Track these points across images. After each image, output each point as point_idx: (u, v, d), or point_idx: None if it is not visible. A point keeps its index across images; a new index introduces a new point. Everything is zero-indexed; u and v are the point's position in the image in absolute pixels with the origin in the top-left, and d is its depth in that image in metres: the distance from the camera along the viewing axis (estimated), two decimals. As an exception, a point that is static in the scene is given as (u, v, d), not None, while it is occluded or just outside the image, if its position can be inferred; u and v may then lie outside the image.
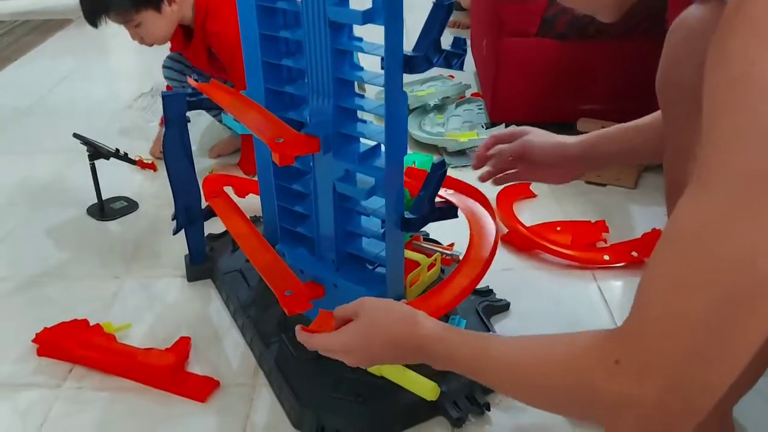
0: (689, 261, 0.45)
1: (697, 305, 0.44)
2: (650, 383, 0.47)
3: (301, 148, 0.78)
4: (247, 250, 1.01)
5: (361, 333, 0.70)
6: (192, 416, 0.93)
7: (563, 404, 0.56)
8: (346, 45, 0.79)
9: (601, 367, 0.49)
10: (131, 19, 1.39)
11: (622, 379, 0.48)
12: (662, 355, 0.46)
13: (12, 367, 1.02)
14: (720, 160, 0.43)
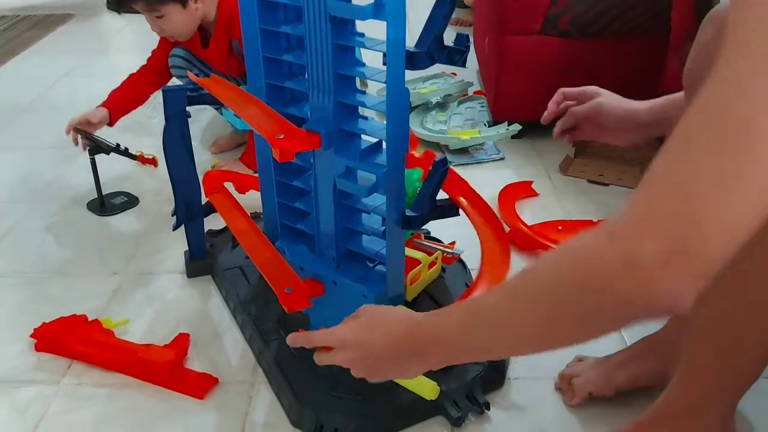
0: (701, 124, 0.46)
1: (698, 152, 0.45)
2: (648, 237, 0.46)
3: (302, 144, 0.78)
4: (247, 246, 1.00)
5: (358, 327, 0.70)
6: (190, 413, 0.92)
7: (570, 312, 0.53)
8: (347, 40, 0.79)
9: (596, 248, 0.50)
10: (156, 9, 1.40)
11: (619, 245, 0.48)
12: (660, 206, 0.47)
13: (11, 363, 1.02)
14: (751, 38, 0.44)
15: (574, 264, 0.52)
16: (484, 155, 1.62)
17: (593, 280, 0.50)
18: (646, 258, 0.46)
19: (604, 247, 0.49)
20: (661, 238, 0.46)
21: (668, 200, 0.47)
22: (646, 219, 0.47)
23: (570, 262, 0.53)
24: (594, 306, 0.51)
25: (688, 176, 0.46)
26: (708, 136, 0.46)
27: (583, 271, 0.51)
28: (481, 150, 1.64)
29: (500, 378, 0.95)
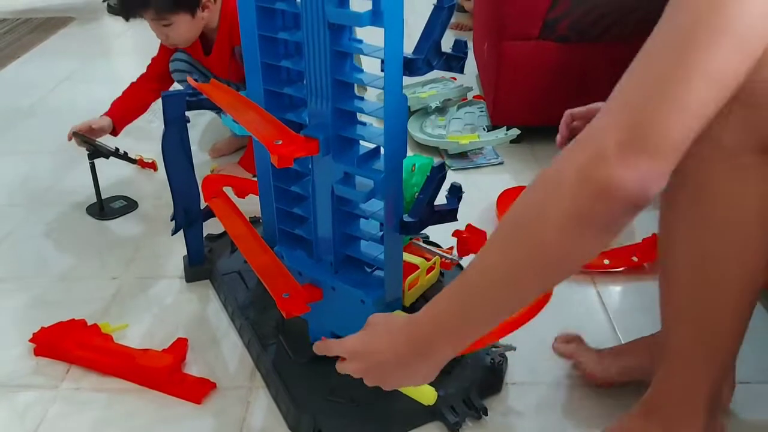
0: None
1: (655, 56, 0.56)
2: (610, 131, 0.54)
3: (300, 150, 0.78)
4: (246, 251, 1.00)
5: (364, 338, 0.73)
6: (188, 418, 0.92)
7: (552, 226, 0.57)
8: (345, 47, 0.79)
9: (565, 155, 0.56)
10: (166, 18, 1.41)
11: (586, 144, 0.56)
12: (621, 106, 0.55)
13: (10, 367, 1.02)
14: None
15: (544, 180, 0.58)
16: (482, 160, 1.63)
17: (567, 185, 0.55)
18: (610, 148, 0.53)
19: (571, 151, 0.56)
20: (621, 128, 0.53)
21: (627, 99, 0.55)
22: (608, 117, 0.55)
23: (539, 181, 0.59)
24: (572, 209, 0.55)
25: (645, 77, 0.55)
26: (662, 43, 0.55)
27: (555, 179, 0.57)
28: (480, 154, 1.64)
29: (498, 383, 0.95)
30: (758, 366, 0.97)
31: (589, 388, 0.96)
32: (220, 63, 1.55)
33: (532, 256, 0.59)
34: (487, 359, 0.95)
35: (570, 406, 0.93)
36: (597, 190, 0.54)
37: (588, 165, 0.54)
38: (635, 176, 0.53)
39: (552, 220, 0.57)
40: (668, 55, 0.54)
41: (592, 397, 0.94)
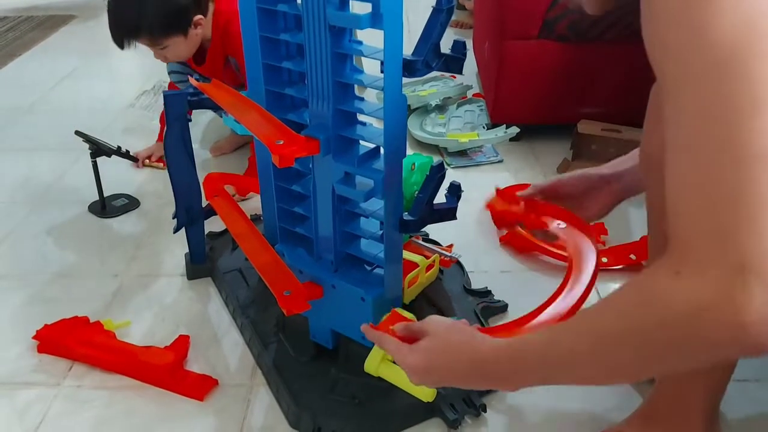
0: (710, 147, 0.47)
1: (726, 184, 0.46)
2: (712, 273, 0.46)
3: (301, 150, 0.78)
4: (247, 249, 1.01)
5: (425, 356, 0.69)
6: (190, 416, 0.93)
7: (643, 343, 0.52)
8: (346, 49, 0.79)
9: (664, 284, 0.49)
10: (160, 43, 1.42)
11: (686, 282, 0.48)
12: (716, 241, 0.47)
13: (12, 365, 1.03)
14: None
15: (653, 310, 0.50)
16: (482, 158, 1.63)
17: (672, 318, 0.49)
18: (726, 288, 0.46)
19: (669, 292, 0.48)
20: (731, 264, 0.46)
21: (724, 219, 0.46)
22: (708, 245, 0.47)
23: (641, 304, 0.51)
24: (676, 342, 0.49)
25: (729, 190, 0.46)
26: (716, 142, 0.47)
27: (661, 311, 0.49)
28: (480, 152, 1.65)
29: (497, 381, 0.96)
30: (754, 364, 0.98)
31: (589, 387, 0.96)
32: (213, 72, 1.55)
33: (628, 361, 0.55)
34: (486, 357, 0.96)
35: (568, 405, 0.94)
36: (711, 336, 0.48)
37: (702, 310, 0.47)
38: (759, 315, 0.45)
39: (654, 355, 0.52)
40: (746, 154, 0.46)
41: (591, 397, 0.95)
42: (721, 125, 0.47)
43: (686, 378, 0.75)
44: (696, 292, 0.47)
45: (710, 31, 0.47)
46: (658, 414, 0.79)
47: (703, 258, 0.47)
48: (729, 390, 0.78)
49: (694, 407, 0.76)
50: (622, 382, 0.59)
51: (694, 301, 0.47)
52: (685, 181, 0.49)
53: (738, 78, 0.46)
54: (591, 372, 0.57)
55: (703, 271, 0.47)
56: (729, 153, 0.46)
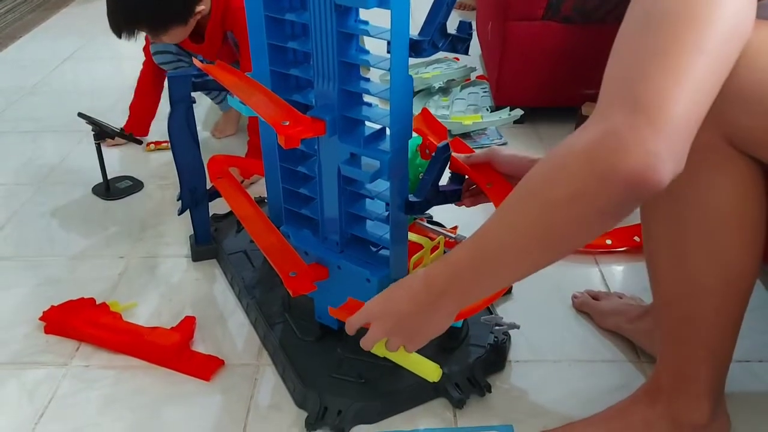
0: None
1: (656, 27, 0.56)
2: (616, 109, 0.54)
3: (307, 131, 0.78)
4: (252, 231, 1.01)
5: (381, 297, 0.76)
6: (196, 395, 0.94)
7: (563, 204, 0.57)
8: (351, 29, 0.79)
9: (567, 143, 0.57)
10: (159, 34, 1.39)
11: (587, 130, 0.56)
12: (623, 83, 0.55)
13: (20, 345, 1.04)
14: None
15: (558, 156, 0.58)
16: (486, 140, 1.63)
17: (576, 164, 0.55)
18: (617, 126, 0.53)
19: (573, 138, 0.57)
20: (627, 106, 0.53)
21: (631, 75, 0.55)
22: (612, 96, 0.55)
23: (553, 157, 0.59)
24: (576, 189, 0.55)
25: (648, 48, 0.55)
26: (666, 12, 0.55)
27: (566, 158, 0.57)
28: (484, 135, 1.65)
29: (501, 361, 0.97)
30: (756, 345, 0.99)
31: (593, 366, 0.97)
32: (212, 49, 1.52)
33: (538, 229, 0.60)
34: (490, 337, 0.97)
35: (572, 385, 0.95)
36: (601, 171, 0.53)
37: (594, 145, 0.54)
38: (641, 155, 0.52)
39: (558, 199, 0.57)
40: (664, 32, 0.55)
41: (594, 375, 0.96)
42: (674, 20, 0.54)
43: (688, 355, 0.76)
44: (591, 134, 0.55)
45: None
46: (662, 392, 0.79)
47: (605, 110, 0.55)
48: (733, 370, 0.78)
49: (698, 385, 0.76)
50: (554, 254, 0.61)
51: (588, 141, 0.55)
52: (611, 59, 0.58)
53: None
54: (519, 253, 0.62)
55: (602, 120, 0.55)
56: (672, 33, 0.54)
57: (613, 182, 0.53)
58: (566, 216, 0.57)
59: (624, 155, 0.52)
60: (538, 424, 0.88)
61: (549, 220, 0.58)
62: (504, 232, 0.63)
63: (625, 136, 0.52)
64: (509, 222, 0.62)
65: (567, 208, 0.57)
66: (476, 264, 0.66)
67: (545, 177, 0.59)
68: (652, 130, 0.52)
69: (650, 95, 0.53)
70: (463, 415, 0.90)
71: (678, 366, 0.77)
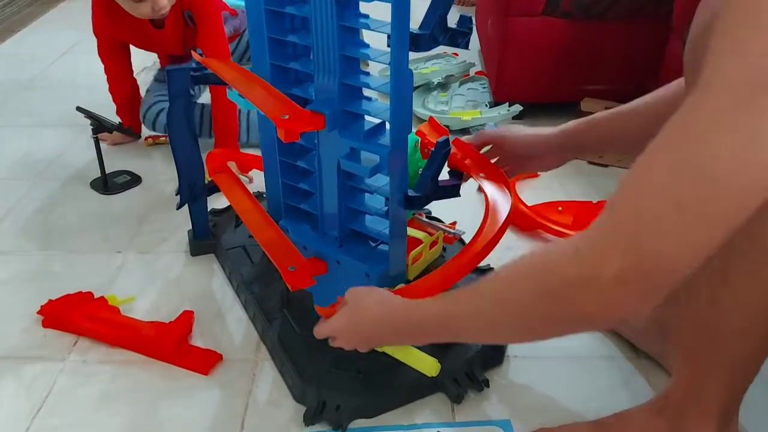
0: (680, 150, 0.50)
1: (658, 174, 0.50)
2: (609, 259, 0.52)
3: (307, 124, 0.78)
4: (251, 225, 1.01)
5: (348, 316, 0.80)
6: (195, 390, 0.94)
7: (533, 313, 0.59)
8: (352, 22, 0.79)
9: (562, 259, 0.55)
10: None
11: (582, 261, 0.53)
12: (619, 228, 0.52)
13: (17, 339, 1.03)
14: (725, 70, 0.47)
15: (542, 270, 0.58)
16: (485, 136, 1.63)
17: (555, 287, 0.55)
18: (604, 277, 0.51)
19: (569, 259, 0.54)
20: (619, 260, 0.51)
21: (629, 223, 0.51)
22: (607, 239, 0.52)
23: (538, 268, 0.58)
24: (554, 311, 0.57)
25: (649, 201, 0.50)
26: (670, 162, 0.50)
27: (547, 278, 0.56)
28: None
29: (499, 356, 0.97)
30: None
31: (591, 363, 0.97)
32: (174, 34, 1.46)
33: (514, 328, 0.63)
34: (489, 333, 0.97)
35: (571, 381, 0.95)
36: (580, 312, 0.55)
37: (578, 286, 0.54)
38: (625, 311, 0.53)
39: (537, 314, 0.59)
40: (677, 178, 0.50)
41: (593, 372, 0.96)
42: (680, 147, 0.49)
43: (703, 372, 0.73)
44: (585, 269, 0.53)
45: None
46: (669, 405, 0.77)
47: (606, 247, 0.52)
48: (751, 391, 0.75)
49: (707, 404, 0.73)
50: (513, 341, 0.64)
51: (579, 275, 0.54)
52: (625, 180, 0.53)
53: None
54: (488, 331, 0.66)
55: (600, 254, 0.52)
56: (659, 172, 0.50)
57: (593, 325, 0.59)
58: (536, 319, 0.60)
59: (604, 307, 0.53)
60: (536, 420, 0.87)
61: (521, 320, 0.61)
62: (477, 310, 0.65)
63: (611, 295, 0.52)
64: (484, 303, 0.65)
65: (538, 317, 0.59)
66: (445, 324, 0.69)
67: (532, 295, 0.59)
68: (642, 297, 0.52)
69: (656, 268, 0.51)
70: (461, 410, 0.90)
71: (691, 382, 0.75)
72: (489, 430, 0.87)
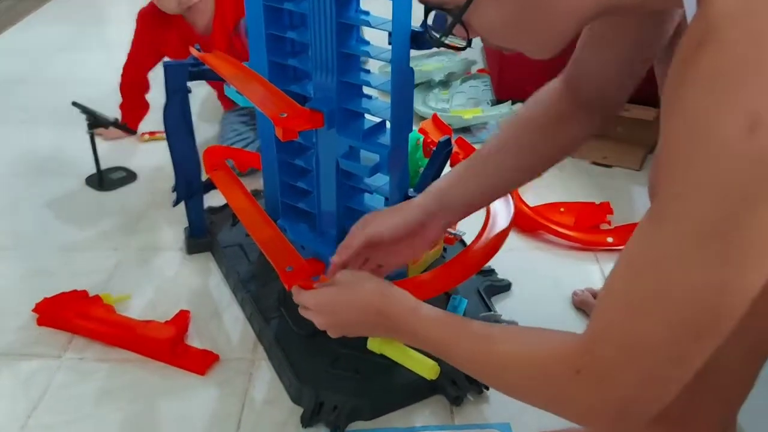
0: (644, 289, 0.50)
1: (651, 330, 0.49)
2: (610, 395, 0.52)
3: (305, 123, 0.77)
4: (249, 224, 1.00)
5: (333, 296, 0.74)
6: (191, 389, 0.93)
7: (529, 395, 0.60)
8: (352, 19, 0.77)
9: (564, 375, 0.54)
10: None
11: (585, 388, 0.53)
12: (621, 373, 0.52)
13: (13, 336, 1.02)
14: (680, 206, 0.47)
15: (542, 376, 0.57)
16: (486, 135, 1.61)
17: (555, 399, 0.56)
18: (608, 412, 0.53)
19: (566, 386, 0.54)
20: (620, 401, 0.52)
21: (627, 369, 0.51)
22: (608, 380, 0.52)
23: (529, 370, 0.58)
24: (542, 403, 0.58)
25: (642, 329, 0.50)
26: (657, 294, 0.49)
27: (546, 387, 0.57)
28: (484, 129, 1.63)
29: (499, 358, 0.96)
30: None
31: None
32: (222, 42, 1.48)
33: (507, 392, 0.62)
34: (489, 335, 0.96)
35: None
36: (572, 411, 0.56)
37: (581, 410, 0.55)
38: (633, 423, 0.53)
39: (529, 400, 0.60)
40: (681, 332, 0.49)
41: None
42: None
43: (697, 392, 0.73)
44: (587, 401, 0.54)
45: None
46: (669, 414, 0.77)
47: (607, 378, 0.52)
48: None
49: (708, 413, 0.73)
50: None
51: (581, 406, 0.54)
52: (623, 297, 0.51)
53: None
54: (476, 376, 0.66)
55: (601, 387, 0.53)
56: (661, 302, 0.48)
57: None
58: (522, 395, 0.60)
59: (592, 415, 0.54)
60: (536, 423, 0.86)
61: (515, 396, 0.61)
62: (471, 367, 0.64)
63: (616, 421, 0.53)
64: (479, 367, 0.63)
65: (525, 395, 0.60)
66: (441, 352, 0.67)
67: (528, 391, 0.59)
68: (645, 415, 0.53)
69: (651, 394, 0.52)
70: (461, 412, 0.89)
71: (688, 400, 0.75)
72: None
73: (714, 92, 0.44)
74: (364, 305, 0.71)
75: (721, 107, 0.44)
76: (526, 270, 1.14)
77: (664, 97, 0.48)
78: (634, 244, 0.51)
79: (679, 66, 0.47)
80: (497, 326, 0.64)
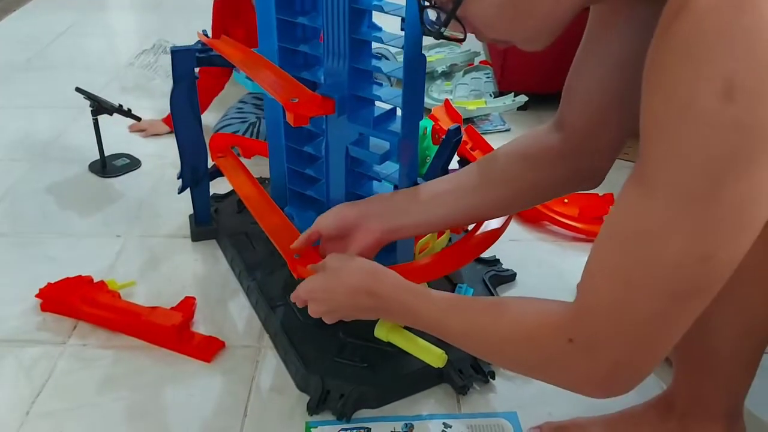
0: (632, 258, 0.51)
1: (637, 298, 0.51)
2: (601, 360, 0.54)
3: (317, 109, 0.77)
4: (255, 212, 0.99)
5: (323, 282, 0.74)
6: (197, 376, 0.93)
7: (523, 365, 0.62)
8: (364, 4, 0.77)
9: (556, 344, 0.56)
10: None
11: (578, 356, 0.55)
12: (611, 340, 0.53)
13: (16, 322, 1.02)
14: (663, 175, 0.48)
15: (533, 345, 0.59)
16: (489, 126, 1.61)
17: (546, 368, 0.59)
18: (599, 376, 0.55)
19: (558, 354, 0.57)
20: (611, 365, 0.54)
21: (617, 335, 0.53)
22: (598, 347, 0.54)
23: (531, 336, 0.60)
24: (538, 372, 0.61)
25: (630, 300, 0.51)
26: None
27: (537, 355, 0.59)
28: (487, 121, 1.63)
29: (505, 348, 0.96)
30: None
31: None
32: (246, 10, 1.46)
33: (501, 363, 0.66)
34: (495, 324, 0.96)
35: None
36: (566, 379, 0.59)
37: (572, 375, 0.57)
38: (607, 394, 0.56)
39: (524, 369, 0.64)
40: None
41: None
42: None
43: (703, 382, 0.74)
44: (578, 368, 0.56)
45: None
46: (675, 410, 0.77)
47: (597, 345, 0.54)
48: (755, 385, 0.75)
49: (712, 410, 0.74)
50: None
51: (572, 372, 0.57)
52: (609, 266, 0.53)
53: None
54: (471, 350, 0.67)
55: (591, 353, 0.55)
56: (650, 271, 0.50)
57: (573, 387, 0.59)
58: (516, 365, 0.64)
59: (588, 388, 0.57)
60: (542, 412, 0.87)
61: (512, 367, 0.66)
62: (465, 342, 0.66)
63: (606, 383, 0.56)
64: (472, 340, 0.65)
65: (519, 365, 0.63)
66: (432, 328, 0.68)
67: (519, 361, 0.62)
68: (636, 378, 0.55)
69: (640, 358, 0.54)
70: (467, 401, 0.89)
71: (693, 391, 0.75)
72: (495, 422, 0.86)
73: (690, 60, 0.44)
74: (354, 288, 0.72)
75: (698, 74, 0.44)
76: (530, 260, 1.14)
77: (646, 65, 0.49)
78: (618, 213, 0.52)
79: (658, 34, 0.47)
80: (489, 299, 0.65)
